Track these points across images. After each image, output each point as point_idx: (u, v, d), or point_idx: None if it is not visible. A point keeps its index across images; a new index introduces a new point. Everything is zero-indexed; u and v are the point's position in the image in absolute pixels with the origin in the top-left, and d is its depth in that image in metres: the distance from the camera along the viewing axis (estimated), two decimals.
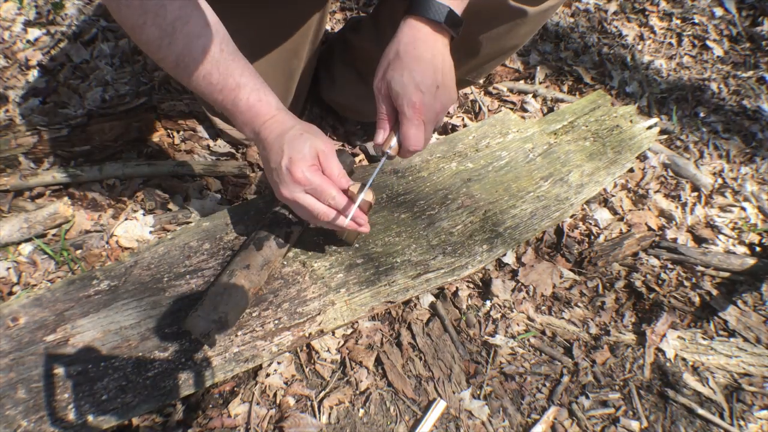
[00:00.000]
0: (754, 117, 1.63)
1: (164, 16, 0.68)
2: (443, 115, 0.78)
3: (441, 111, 0.75)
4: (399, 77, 0.71)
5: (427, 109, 0.72)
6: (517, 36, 1.02)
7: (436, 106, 0.74)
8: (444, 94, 0.75)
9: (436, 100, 0.73)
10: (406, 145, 0.74)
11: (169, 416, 0.92)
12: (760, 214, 1.38)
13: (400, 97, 0.72)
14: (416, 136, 0.72)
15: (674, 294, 1.19)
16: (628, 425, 1.01)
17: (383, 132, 0.76)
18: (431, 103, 0.73)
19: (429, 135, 0.76)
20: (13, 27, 1.50)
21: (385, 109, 0.76)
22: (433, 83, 0.73)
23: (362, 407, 0.98)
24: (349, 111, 1.37)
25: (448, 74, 0.76)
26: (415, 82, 0.71)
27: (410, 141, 0.73)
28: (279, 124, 0.76)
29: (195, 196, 1.20)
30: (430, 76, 0.72)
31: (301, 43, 1.11)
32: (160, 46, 0.71)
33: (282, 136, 0.74)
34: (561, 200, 1.12)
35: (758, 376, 1.08)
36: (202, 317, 0.75)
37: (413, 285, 0.95)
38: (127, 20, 0.69)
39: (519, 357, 1.08)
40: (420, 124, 0.72)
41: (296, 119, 0.78)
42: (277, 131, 0.75)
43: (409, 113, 0.71)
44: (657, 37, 1.85)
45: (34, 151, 1.19)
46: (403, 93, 0.71)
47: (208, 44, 0.72)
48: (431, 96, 0.72)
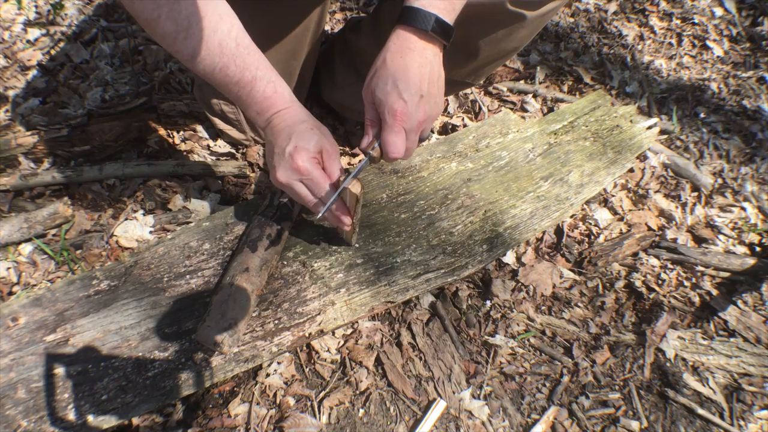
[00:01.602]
0: (754, 117, 1.63)
1: (179, 10, 0.68)
2: (429, 124, 0.78)
3: (425, 120, 0.75)
4: (383, 85, 0.73)
5: (409, 118, 0.73)
6: (516, 39, 1.02)
7: (419, 114, 0.74)
8: (428, 104, 0.75)
9: (419, 109, 0.73)
10: (386, 152, 0.74)
11: (169, 416, 0.92)
12: (760, 214, 1.38)
13: (382, 104, 0.73)
14: (395, 143, 0.73)
15: (674, 294, 1.19)
16: (628, 425, 1.01)
17: (367, 138, 0.77)
18: (413, 112, 0.73)
19: (412, 143, 0.76)
20: (13, 27, 1.50)
21: (371, 115, 0.77)
22: (417, 92, 0.73)
23: (362, 407, 0.98)
24: (349, 111, 1.37)
25: (435, 84, 0.76)
26: (398, 91, 0.72)
27: (389, 148, 0.73)
28: (292, 116, 0.78)
29: (195, 196, 1.20)
30: (414, 85, 0.72)
31: (301, 43, 1.11)
32: (176, 40, 0.71)
33: (293, 126, 0.76)
34: (561, 200, 1.12)
35: (758, 376, 1.08)
36: (212, 327, 0.75)
37: (413, 285, 0.95)
38: (141, 14, 0.69)
39: (519, 357, 1.08)
40: (400, 132, 0.73)
41: (309, 114, 0.80)
42: (289, 121, 0.77)
43: (390, 120, 0.72)
44: (657, 37, 1.85)
45: (34, 151, 1.19)
46: (385, 101, 0.72)
47: (224, 39, 0.73)
48: (414, 105, 0.73)
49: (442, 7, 0.74)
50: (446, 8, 0.74)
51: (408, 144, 0.75)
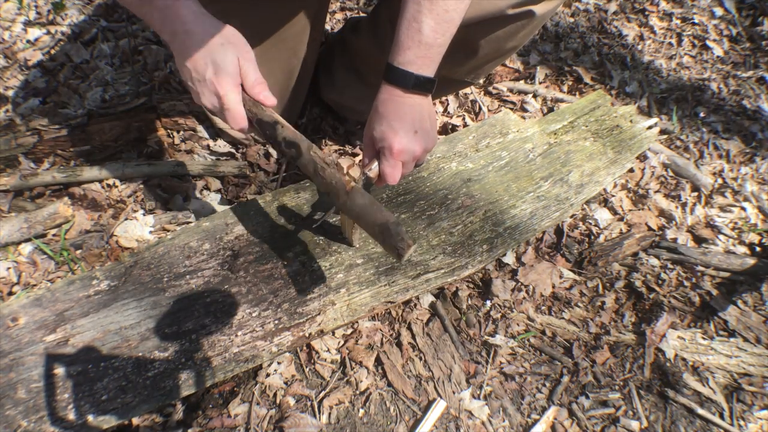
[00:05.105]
0: (754, 117, 1.63)
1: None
2: (425, 155, 0.85)
3: (421, 153, 0.83)
4: (379, 126, 0.80)
5: (406, 153, 0.80)
6: (517, 38, 1.02)
7: (416, 149, 0.81)
8: (423, 138, 0.82)
9: (415, 143, 0.80)
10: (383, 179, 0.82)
11: (169, 416, 0.92)
12: (760, 214, 1.38)
13: (380, 141, 0.80)
14: (392, 174, 0.80)
15: (674, 294, 1.19)
16: (628, 425, 1.01)
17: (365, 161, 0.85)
18: (410, 147, 0.80)
19: (408, 170, 0.84)
20: (13, 27, 1.50)
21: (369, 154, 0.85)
22: (411, 128, 0.80)
23: (362, 407, 0.98)
24: (349, 111, 1.37)
25: (427, 120, 0.83)
26: (394, 129, 0.79)
27: (387, 178, 0.81)
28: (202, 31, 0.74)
29: (195, 196, 1.20)
30: (408, 123, 0.80)
31: (301, 42, 1.11)
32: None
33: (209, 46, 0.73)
34: (561, 200, 1.12)
35: (758, 376, 1.08)
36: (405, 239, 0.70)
37: (413, 285, 0.95)
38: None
39: (519, 357, 1.08)
40: (397, 165, 0.80)
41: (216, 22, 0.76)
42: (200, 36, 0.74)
43: (387, 155, 0.79)
44: (657, 37, 1.85)
45: (34, 151, 1.19)
46: (382, 138, 0.80)
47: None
48: (410, 140, 0.80)
49: (420, 63, 0.79)
50: (424, 63, 0.79)
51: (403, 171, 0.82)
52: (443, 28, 0.78)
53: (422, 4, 0.76)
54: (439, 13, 0.77)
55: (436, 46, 0.79)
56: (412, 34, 0.77)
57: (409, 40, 0.78)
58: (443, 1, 0.76)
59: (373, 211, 0.73)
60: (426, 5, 0.76)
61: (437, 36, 0.78)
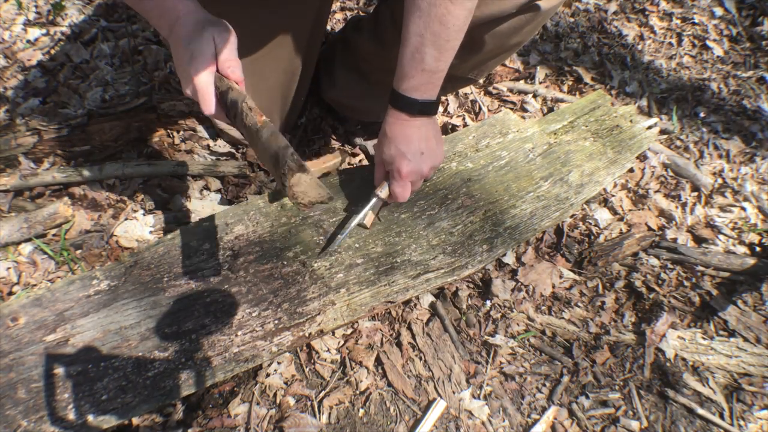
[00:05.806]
0: (754, 117, 1.63)
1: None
2: (432, 172, 0.94)
3: (429, 171, 0.91)
4: (387, 150, 0.88)
5: (414, 173, 0.88)
6: (521, 33, 1.02)
7: (423, 168, 0.89)
8: (430, 157, 0.90)
9: (423, 164, 0.89)
10: (394, 198, 0.92)
11: (169, 416, 0.92)
12: (760, 214, 1.38)
13: (389, 164, 0.89)
14: (402, 194, 0.90)
15: (674, 294, 1.19)
16: (628, 425, 1.01)
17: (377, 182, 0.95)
18: (418, 168, 0.88)
19: (417, 187, 0.93)
20: (13, 27, 1.50)
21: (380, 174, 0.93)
22: (418, 150, 0.87)
23: (362, 407, 0.98)
24: (350, 110, 1.37)
25: (433, 139, 0.90)
26: (401, 152, 0.86)
27: (396, 197, 0.91)
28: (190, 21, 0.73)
29: (195, 196, 1.20)
30: (414, 145, 0.87)
31: (302, 42, 1.11)
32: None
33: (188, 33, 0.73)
34: (561, 200, 1.12)
35: (758, 376, 1.08)
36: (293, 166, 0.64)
37: (413, 285, 0.95)
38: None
39: (519, 357, 1.08)
40: (405, 185, 0.89)
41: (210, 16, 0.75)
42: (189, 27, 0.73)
43: (396, 176, 0.88)
44: (657, 37, 1.85)
45: (34, 151, 1.19)
46: (391, 161, 0.88)
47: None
48: (417, 162, 0.88)
49: (423, 90, 0.85)
50: (428, 89, 0.85)
51: (412, 189, 0.91)
52: (445, 56, 0.83)
53: (425, 37, 0.80)
54: (441, 44, 0.80)
55: (439, 71, 0.84)
56: (415, 64, 0.82)
57: (413, 70, 0.83)
58: (445, 33, 0.79)
59: (274, 142, 0.68)
60: (429, 38, 0.80)
61: (439, 63, 0.83)
